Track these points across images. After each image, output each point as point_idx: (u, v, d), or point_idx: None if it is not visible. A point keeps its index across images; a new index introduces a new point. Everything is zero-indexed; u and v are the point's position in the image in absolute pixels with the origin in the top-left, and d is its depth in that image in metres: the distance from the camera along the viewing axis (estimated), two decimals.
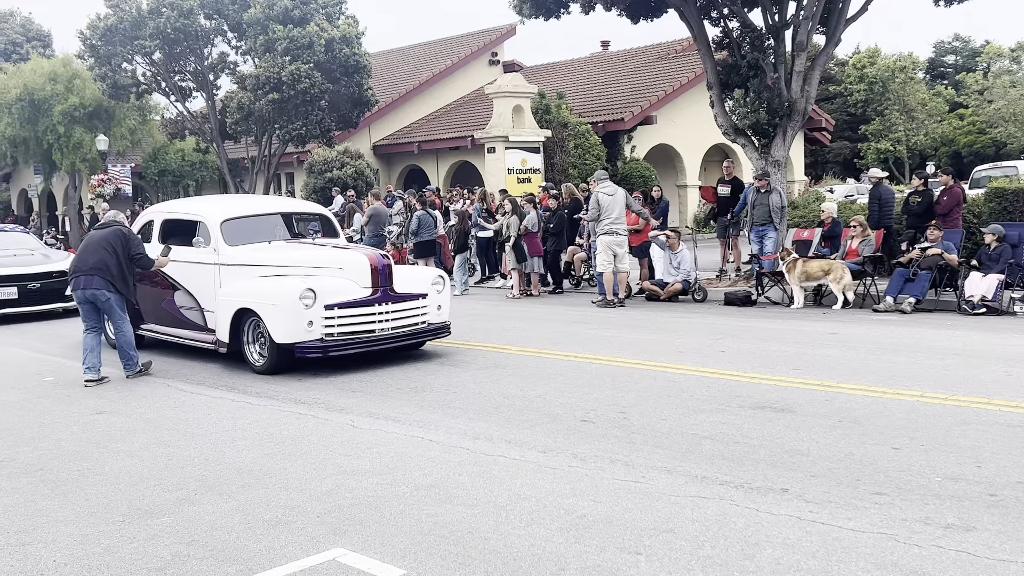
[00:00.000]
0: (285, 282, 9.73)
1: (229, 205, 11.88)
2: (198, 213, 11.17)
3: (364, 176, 28.90)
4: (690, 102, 29.59)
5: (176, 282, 11.02)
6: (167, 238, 11.35)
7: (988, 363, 8.91)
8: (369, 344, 9.72)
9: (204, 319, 10.67)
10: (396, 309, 10.00)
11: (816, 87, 16.65)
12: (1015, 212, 15.18)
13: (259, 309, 9.64)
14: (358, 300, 9.75)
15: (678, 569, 4.40)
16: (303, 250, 10.76)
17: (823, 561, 4.42)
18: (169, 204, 13.22)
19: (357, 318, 9.71)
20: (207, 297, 10.56)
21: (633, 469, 5.99)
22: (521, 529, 5.00)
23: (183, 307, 10.97)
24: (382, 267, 9.98)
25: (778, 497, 5.35)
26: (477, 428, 7.20)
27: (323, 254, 10.45)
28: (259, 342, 9.85)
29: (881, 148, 50.43)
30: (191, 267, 10.77)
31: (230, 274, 10.33)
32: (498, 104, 25.18)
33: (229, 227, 10.68)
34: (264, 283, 9.93)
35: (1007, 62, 49.79)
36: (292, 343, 9.45)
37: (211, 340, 10.46)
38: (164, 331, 11.35)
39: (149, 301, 11.46)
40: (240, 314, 9.91)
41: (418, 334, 10.25)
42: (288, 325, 9.43)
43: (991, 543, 4.55)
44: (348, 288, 9.78)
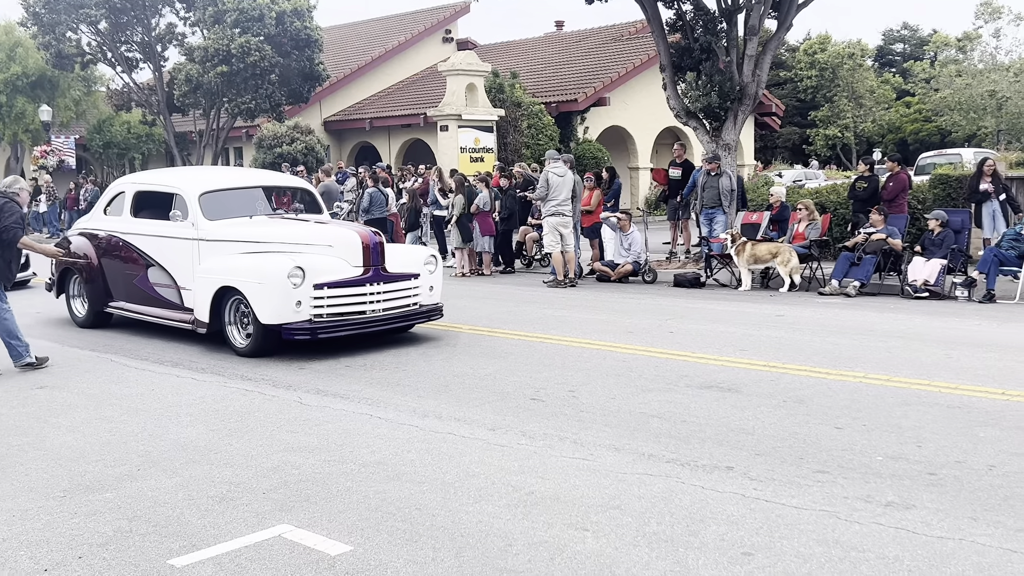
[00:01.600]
0: (271, 259, 9.22)
1: (207, 177, 11.22)
2: (174, 185, 10.50)
3: (314, 152, 28.61)
4: (643, 84, 29.69)
5: (150, 258, 10.42)
6: (140, 211, 10.82)
7: (929, 346, 9.09)
8: (360, 326, 9.25)
9: (180, 297, 10.07)
10: (388, 290, 9.52)
11: (767, 72, 16.77)
12: (958, 199, 15.48)
13: (243, 288, 9.11)
14: (349, 279, 9.26)
15: (624, 545, 4.43)
16: (289, 226, 10.17)
17: (766, 537, 4.48)
18: (142, 175, 12.50)
19: (347, 298, 9.23)
20: (184, 274, 9.98)
21: (582, 447, 6.02)
22: (469, 506, 5.00)
23: (157, 284, 10.35)
24: (374, 245, 9.49)
25: (723, 475, 5.41)
26: (426, 406, 7.19)
27: (311, 230, 9.90)
28: (242, 323, 9.35)
29: (829, 134, 51.07)
30: (166, 242, 10.19)
31: (210, 250, 9.76)
32: (451, 82, 25.05)
33: (208, 200, 10.06)
34: (248, 260, 9.41)
35: (953, 51, 50.57)
36: (279, 324, 8.96)
37: (188, 320, 9.85)
38: (135, 309, 10.72)
39: (119, 277, 10.92)
40: (221, 293, 9.38)
41: (410, 316, 9.78)
42: (275, 305, 8.93)
43: (929, 520, 4.64)
44: (338, 267, 9.28)
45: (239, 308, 9.34)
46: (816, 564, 4.17)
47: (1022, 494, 4.97)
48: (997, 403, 6.87)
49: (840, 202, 16.07)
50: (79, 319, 11.43)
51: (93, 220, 11.63)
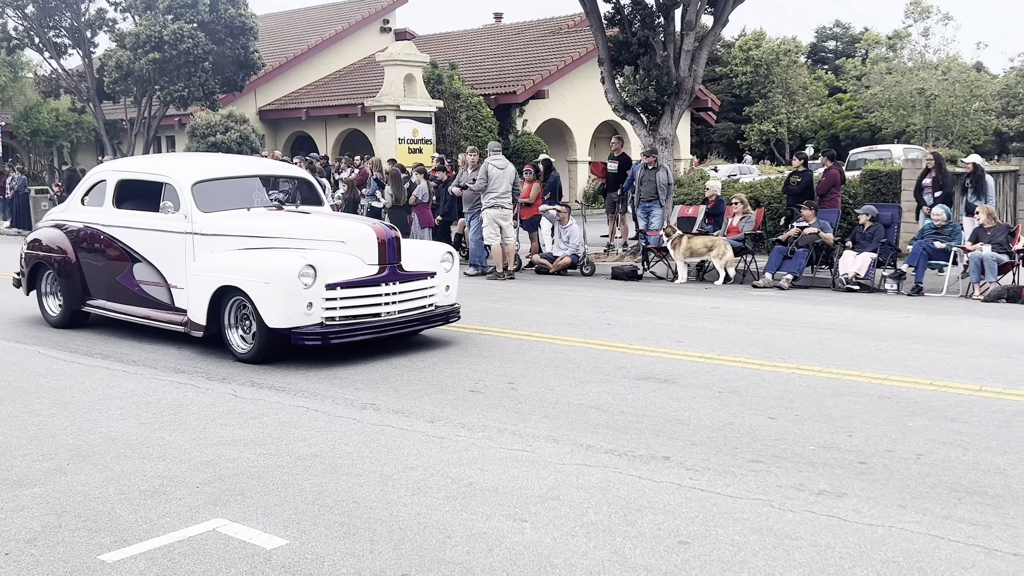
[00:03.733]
0: (279, 256, 8.37)
1: (200, 165, 10.18)
2: (163, 173, 9.52)
3: (249, 141, 28.14)
4: (581, 78, 29.80)
5: (135, 253, 9.49)
6: (123, 201, 9.88)
7: (860, 338, 9.28)
8: (374, 330, 8.46)
9: (171, 297, 9.19)
10: (404, 290, 8.74)
11: (703, 67, 16.94)
12: (888, 193, 15.83)
13: (247, 288, 8.27)
14: (363, 279, 8.47)
15: (562, 535, 4.45)
16: (296, 219, 9.24)
17: (702, 526, 4.54)
18: (124, 162, 11.41)
19: (362, 299, 8.43)
20: (175, 271, 9.12)
21: (520, 438, 6.03)
22: (407, 498, 4.97)
23: (144, 282, 9.44)
24: (390, 241, 8.69)
25: (660, 465, 5.47)
26: (364, 398, 7.13)
27: (321, 224, 9.10)
28: (244, 326, 8.54)
29: (764, 129, 51.83)
30: (155, 236, 9.29)
31: (206, 245, 8.88)
32: (389, 72, 24.87)
33: (201, 190, 9.17)
34: (252, 257, 8.54)
35: (884, 49, 51.67)
36: (288, 328, 8.13)
37: (180, 321, 9.02)
38: (118, 309, 9.78)
39: (100, 273, 9.97)
40: (221, 293, 8.54)
41: (426, 319, 9.02)
42: (284, 307, 8.10)
43: (860, 508, 4.75)
44: (352, 265, 8.49)
45: (241, 310, 8.54)
46: (750, 552, 4.23)
47: (949, 482, 5.10)
48: (925, 393, 7.05)
49: (774, 196, 16.33)
50: (53, 318, 10.50)
51: (69, 211, 10.63)
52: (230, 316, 8.63)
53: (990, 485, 5.04)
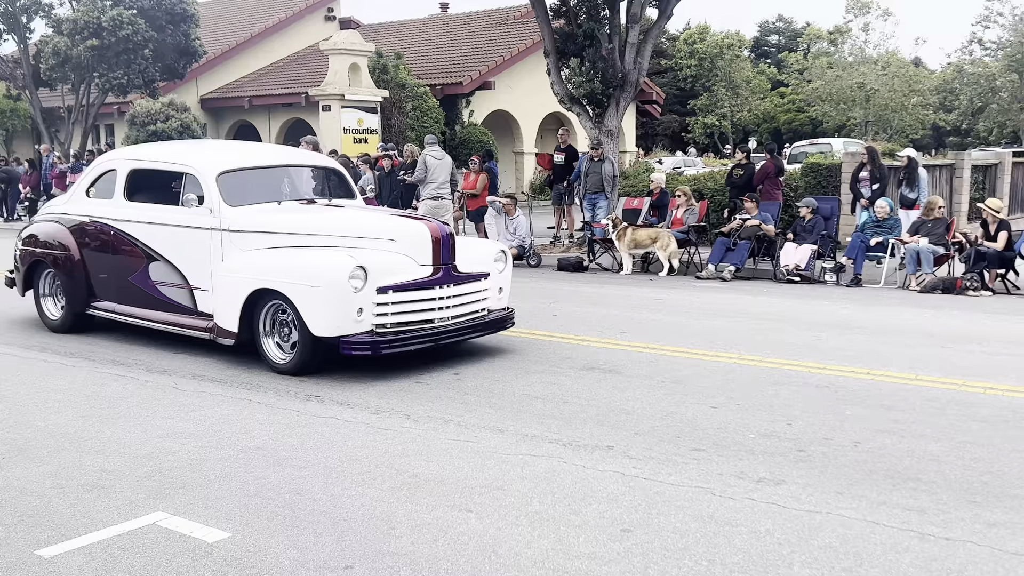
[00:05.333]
0: (326, 257, 7.53)
1: (224, 154, 9.19)
2: (184, 163, 8.59)
3: (191, 130, 27.71)
4: (528, 69, 29.81)
5: (151, 251, 8.56)
6: (135, 193, 8.91)
7: (800, 328, 9.44)
8: (427, 339, 7.65)
9: (193, 300, 8.30)
10: (458, 293, 7.95)
11: (648, 60, 17.07)
12: (828, 187, 16.09)
13: (289, 291, 7.40)
14: (416, 281, 7.65)
15: (507, 525, 4.47)
16: (338, 214, 8.43)
17: (645, 514, 4.59)
18: (137, 149, 10.27)
19: (414, 304, 7.64)
20: (199, 272, 8.22)
21: (466, 429, 6.04)
22: (352, 490, 4.96)
23: (161, 283, 8.52)
24: (445, 238, 7.90)
25: (604, 454, 5.51)
26: (307, 390, 7.09)
27: (368, 220, 8.30)
28: (282, 333, 7.71)
29: (708, 122, 52.36)
30: (175, 232, 8.38)
31: (235, 243, 7.99)
32: (334, 61, 24.65)
33: (228, 182, 8.28)
34: (293, 257, 7.69)
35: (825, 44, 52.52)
36: (336, 337, 7.33)
37: (204, 327, 8.13)
38: (129, 312, 8.84)
39: (108, 273, 9.02)
40: (256, 296, 7.67)
41: (481, 326, 8.21)
42: (332, 313, 7.28)
43: (799, 495, 4.83)
44: (404, 265, 7.67)
45: (279, 316, 7.68)
46: (692, 539, 4.29)
47: (884, 468, 5.21)
48: (863, 382, 7.19)
49: (717, 189, 16.52)
50: (53, 321, 9.51)
51: (72, 203, 9.59)
52: (265, 323, 7.74)
53: (924, 471, 5.17)
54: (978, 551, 4.13)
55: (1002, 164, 20.20)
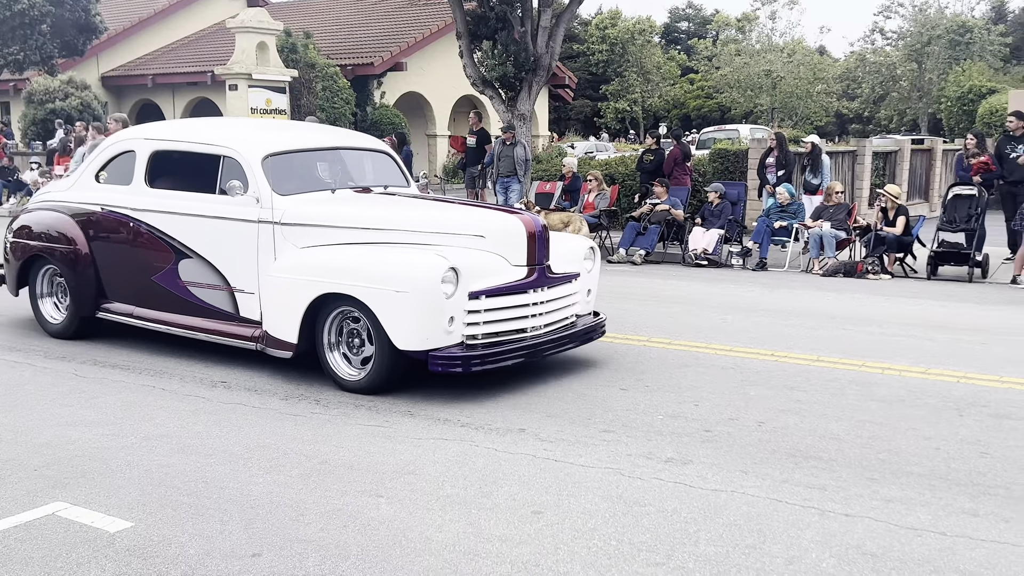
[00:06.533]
0: (412, 257, 6.45)
1: (267, 134, 8.03)
2: (222, 144, 7.37)
3: (91, 109, 26.85)
4: (440, 51, 29.65)
5: (182, 246, 7.37)
6: (157, 178, 7.73)
7: (707, 311, 9.62)
8: (522, 352, 6.61)
9: (234, 303, 7.17)
10: (552, 297, 6.88)
11: (560, 44, 17.11)
12: (736, 172, 16.41)
13: (365, 297, 6.30)
14: (511, 284, 6.60)
15: (418, 510, 4.46)
16: (417, 206, 7.25)
17: (555, 496, 4.63)
18: (161, 128, 8.72)
19: (508, 311, 6.60)
20: (241, 271, 7.09)
21: (377, 414, 6.00)
22: (260, 477, 4.88)
23: (193, 283, 7.35)
24: (540, 233, 6.78)
25: (516, 437, 5.54)
26: (214, 375, 6.95)
27: (453, 213, 7.24)
28: (351, 345, 6.62)
29: (619, 108, 52.86)
30: (213, 225, 7.21)
31: (289, 238, 6.90)
32: (241, 39, 24.10)
33: (275, 166, 7.16)
34: (368, 257, 6.58)
35: (733, 31, 53.46)
36: (423, 351, 6.25)
37: (249, 335, 7.03)
38: (152, 317, 7.67)
39: (126, 271, 7.83)
40: (319, 302, 6.59)
41: (575, 336, 7.10)
42: (420, 323, 6.21)
43: (705, 474, 4.94)
44: (495, 266, 6.62)
45: (349, 324, 6.62)
46: (601, 519, 4.35)
47: (787, 447, 5.36)
48: (767, 364, 7.37)
49: (628, 174, 16.70)
50: (54, 326, 8.29)
51: (78, 190, 8.27)
52: (330, 332, 6.66)
53: (825, 450, 5.32)
54: (876, 526, 4.28)
55: (901, 151, 20.87)
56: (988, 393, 6.52)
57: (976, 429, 5.71)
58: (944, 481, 4.83)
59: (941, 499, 4.58)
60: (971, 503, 4.53)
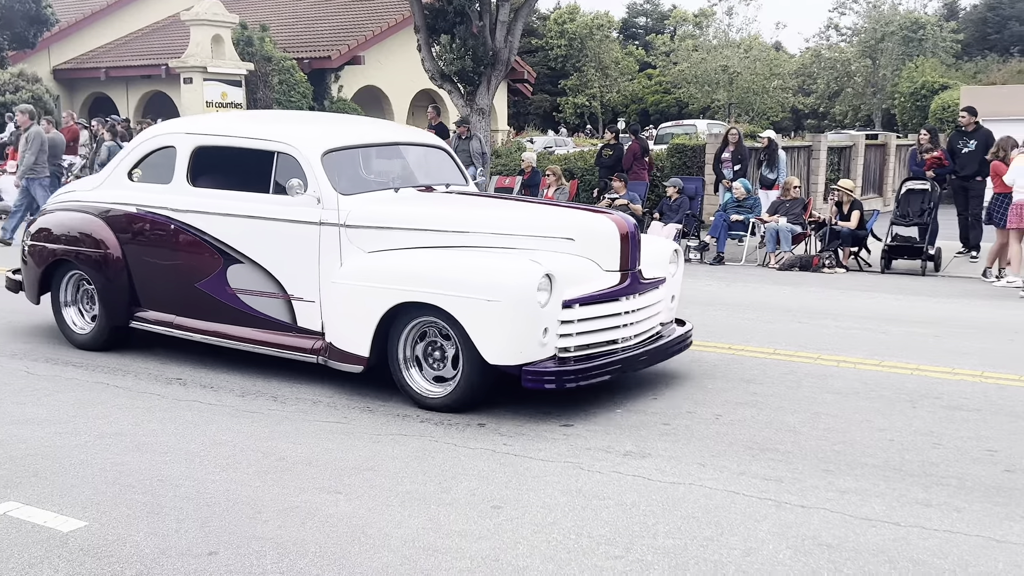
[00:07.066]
0: (502, 262, 5.92)
1: (324, 127, 7.51)
2: (277, 138, 6.78)
3: (43, 102, 26.38)
4: (399, 44, 29.49)
5: (231, 250, 6.77)
6: (201, 176, 7.12)
7: None
8: (616, 367, 6.08)
9: (291, 313, 6.59)
10: (643, 305, 6.36)
11: (519, 38, 17.13)
12: (693, 167, 16.52)
13: (450, 306, 5.75)
14: (604, 292, 6.07)
15: (377, 506, 4.44)
16: (500, 207, 6.90)
17: (515, 490, 4.63)
18: (202, 122, 8.10)
19: (600, 321, 6.05)
20: (300, 278, 6.52)
21: (335, 410, 5.97)
22: (216, 474, 4.83)
23: (244, 291, 6.77)
24: (633, 235, 6.26)
25: (475, 432, 5.53)
26: (169, 372, 6.86)
27: (540, 214, 6.71)
28: (431, 358, 6.06)
29: (578, 103, 52.94)
30: (266, 227, 6.63)
31: (355, 242, 6.34)
32: (196, 32, 23.81)
33: (335, 163, 6.63)
34: (450, 261, 6.02)
35: (691, 27, 53.77)
36: (517, 365, 5.73)
37: (308, 347, 6.47)
38: (195, 327, 7.06)
39: (165, 277, 7.18)
40: (395, 312, 6.04)
41: (665, 349, 6.56)
42: (514, 335, 5.68)
43: (663, 467, 4.96)
44: (587, 271, 6.09)
45: (428, 335, 6.07)
46: (561, 513, 4.36)
47: (744, 440, 5.40)
48: (724, 356, 7.43)
49: (587, 168, 16.74)
50: (81, 336, 7.64)
51: (108, 188, 7.60)
52: (406, 345, 6.09)
53: (782, 442, 5.38)
54: (831, 517, 4.33)
55: (856, 146, 21.14)
56: (941, 385, 6.63)
57: (929, 420, 5.80)
58: (898, 472, 4.90)
59: (895, 490, 4.65)
60: (924, 493, 4.61)
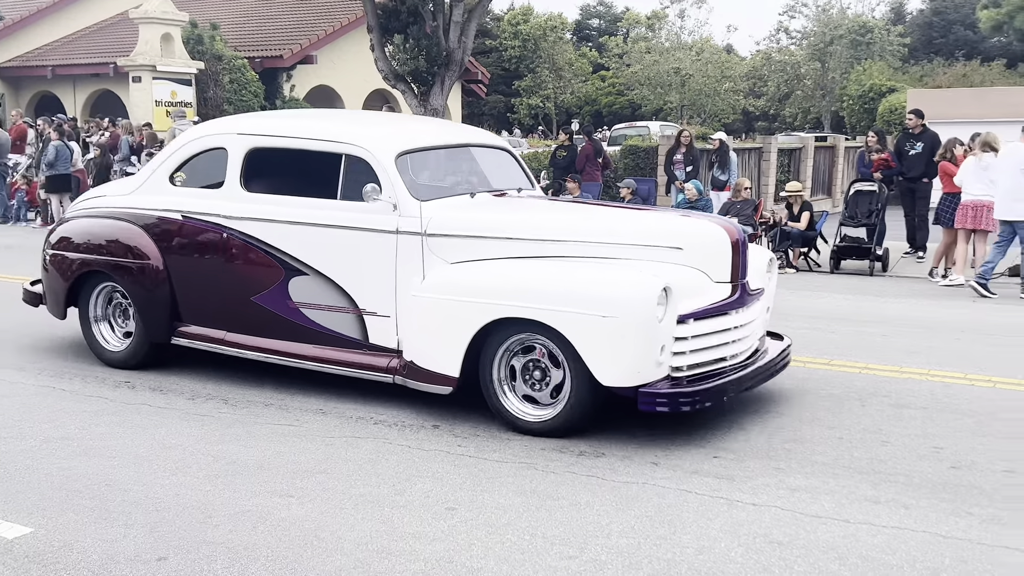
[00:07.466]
0: (616, 273, 5.45)
1: (393, 127, 7.10)
2: (346, 139, 6.23)
3: None
4: (351, 44, 29.32)
5: (295, 260, 6.23)
6: (255, 180, 6.53)
7: None
8: (727, 388, 5.53)
9: (363, 329, 6.09)
10: (749, 320, 5.88)
11: (472, 39, 17.12)
12: (646, 168, 16.64)
13: (559, 322, 5.27)
14: (717, 305, 5.60)
15: (330, 509, 4.41)
16: (591, 213, 6.55)
17: (470, 492, 4.62)
18: (255, 121, 7.39)
19: (713, 337, 5.59)
20: (373, 290, 6.03)
21: (288, 412, 5.91)
22: (166, 479, 4.76)
23: (308, 305, 6.24)
24: (743, 243, 5.82)
25: (430, 433, 5.52)
26: (117, 376, 6.75)
27: (643, 220, 6.18)
28: (531, 379, 5.56)
29: (532, 104, 53.05)
30: (335, 236, 6.12)
31: (438, 252, 5.85)
32: (144, 30, 23.48)
33: (408, 166, 6.15)
34: (554, 273, 5.54)
35: (643, 29, 54.14)
36: (634, 386, 5.26)
37: (383, 366, 5.98)
38: (251, 344, 6.50)
39: (212, 289, 6.60)
40: (489, 328, 5.55)
41: (771, 367, 6.04)
42: (632, 354, 5.22)
43: (617, 467, 4.99)
44: (698, 283, 5.64)
45: (525, 354, 5.57)
46: (515, 514, 4.36)
47: (696, 439, 5.44)
48: None
49: (541, 169, 16.77)
50: (115, 354, 7.04)
51: (145, 194, 6.96)
52: (500, 365, 5.61)
53: (733, 441, 5.43)
54: (782, 515, 4.38)
55: (805, 148, 21.43)
56: (889, 383, 6.73)
57: (878, 418, 5.89)
58: (847, 469, 4.97)
59: (844, 487, 4.72)
60: (873, 491, 4.67)
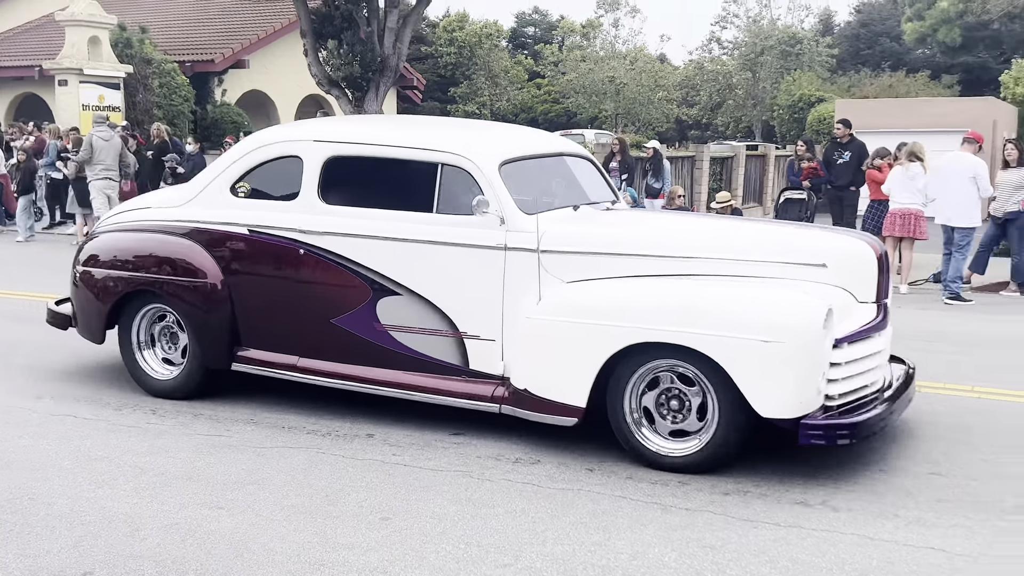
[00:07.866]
0: (768, 293, 5.05)
1: (484, 133, 6.66)
2: (443, 147, 5.71)
3: None
4: (285, 48, 29.05)
5: (384, 279, 5.71)
6: (333, 191, 5.95)
7: None
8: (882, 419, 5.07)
9: (463, 354, 5.61)
10: (887, 344, 5.53)
11: (408, 45, 17.08)
12: None
13: (711, 348, 4.80)
14: (867, 328, 5.17)
15: (261, 520, 4.33)
16: (719, 227, 6.14)
17: (404, 501, 4.59)
18: (333, 127, 6.57)
19: (863, 363, 5.14)
20: (475, 312, 5.56)
21: (218, 423, 5.81)
22: (91, 492, 4.64)
23: (399, 328, 5.72)
24: (886, 259, 5.51)
25: (364, 442, 5.46)
26: (40, 388, 6.56)
27: (781, 236, 5.74)
28: (667, 410, 5.08)
29: (469, 110, 53.04)
30: (431, 252, 5.62)
31: (552, 270, 5.40)
32: (71, 33, 22.95)
33: (511, 177, 5.62)
34: (697, 293, 5.10)
35: (578, 38, 54.51)
36: (795, 418, 4.77)
37: (488, 394, 5.50)
38: (329, 370, 5.92)
39: (282, 311, 6.02)
40: (619, 357, 5.05)
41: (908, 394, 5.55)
42: (796, 382, 4.76)
43: (553, 474, 4.99)
44: (846, 303, 5.20)
45: (656, 384, 5.09)
46: (450, 523, 4.33)
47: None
48: None
49: None
50: (163, 383, 6.37)
51: (201, 207, 6.29)
52: (631, 396, 5.11)
53: None
54: (714, 519, 4.42)
55: (737, 156, 21.77)
56: None
57: None
58: (777, 474, 5.03)
59: (775, 491, 4.78)
60: (803, 494, 4.74)
